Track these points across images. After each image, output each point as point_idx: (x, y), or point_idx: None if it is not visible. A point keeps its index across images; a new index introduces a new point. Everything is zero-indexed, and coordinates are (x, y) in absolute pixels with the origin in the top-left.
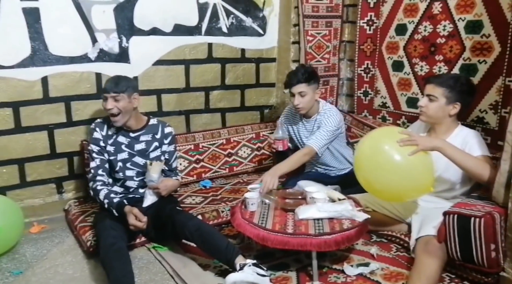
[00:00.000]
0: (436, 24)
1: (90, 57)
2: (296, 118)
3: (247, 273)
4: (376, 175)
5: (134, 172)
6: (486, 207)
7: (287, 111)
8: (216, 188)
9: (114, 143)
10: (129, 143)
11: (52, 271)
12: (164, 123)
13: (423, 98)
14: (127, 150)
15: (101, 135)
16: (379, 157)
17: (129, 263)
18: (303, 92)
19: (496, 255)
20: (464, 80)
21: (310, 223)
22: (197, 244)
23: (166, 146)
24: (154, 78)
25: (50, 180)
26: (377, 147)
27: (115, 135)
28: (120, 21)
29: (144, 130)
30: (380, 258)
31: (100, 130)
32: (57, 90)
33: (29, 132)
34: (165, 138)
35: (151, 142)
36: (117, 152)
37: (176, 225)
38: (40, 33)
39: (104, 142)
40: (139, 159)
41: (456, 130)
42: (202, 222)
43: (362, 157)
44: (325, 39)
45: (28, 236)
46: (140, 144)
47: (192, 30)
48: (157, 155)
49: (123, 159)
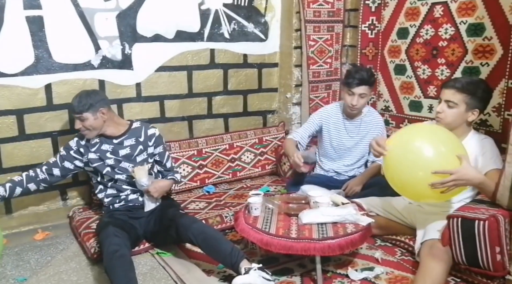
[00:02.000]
0: (437, 27)
1: (93, 65)
2: (338, 117)
3: (253, 276)
4: (407, 169)
5: (123, 176)
6: (490, 210)
7: (329, 109)
8: (219, 193)
9: (98, 151)
10: (113, 149)
11: (56, 278)
12: (147, 125)
13: (440, 104)
14: (112, 157)
15: (79, 144)
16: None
17: (132, 269)
18: (364, 94)
19: (501, 258)
20: (484, 86)
21: (314, 227)
22: (201, 247)
23: (152, 148)
24: (157, 85)
25: (54, 187)
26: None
27: (98, 144)
28: (123, 28)
29: (127, 135)
30: (385, 262)
31: (79, 139)
32: (61, 97)
33: (33, 139)
34: (149, 140)
35: (135, 145)
36: (102, 159)
37: (180, 228)
38: (43, 41)
39: (76, 152)
40: (126, 163)
41: (469, 134)
42: (206, 225)
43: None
44: (327, 43)
45: (33, 243)
46: (125, 149)
47: (194, 36)
48: (143, 158)
49: (110, 164)
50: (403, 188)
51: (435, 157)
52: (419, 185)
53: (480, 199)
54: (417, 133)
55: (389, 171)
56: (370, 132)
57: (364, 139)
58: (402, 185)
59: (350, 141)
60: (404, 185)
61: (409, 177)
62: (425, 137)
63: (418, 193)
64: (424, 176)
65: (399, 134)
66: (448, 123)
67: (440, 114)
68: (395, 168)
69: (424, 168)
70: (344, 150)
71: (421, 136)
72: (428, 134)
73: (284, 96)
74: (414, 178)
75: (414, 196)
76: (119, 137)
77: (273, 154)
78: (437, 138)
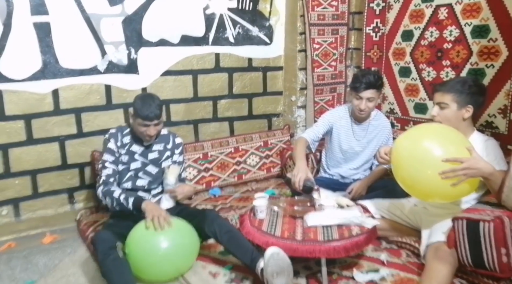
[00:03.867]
0: (442, 29)
1: (99, 69)
2: (346, 119)
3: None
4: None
5: (145, 181)
6: (496, 211)
7: (339, 111)
8: (225, 196)
9: (128, 152)
10: (142, 152)
11: (64, 281)
12: (174, 134)
13: (434, 108)
14: (140, 159)
15: (116, 146)
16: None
17: (128, 271)
18: (372, 98)
19: (507, 260)
20: (471, 81)
21: (319, 229)
22: (222, 239)
23: (176, 156)
24: (163, 89)
25: (62, 190)
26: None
27: (128, 145)
28: (129, 33)
29: (157, 140)
30: (391, 264)
31: (114, 141)
32: (68, 102)
33: (41, 144)
34: (176, 149)
35: (163, 151)
36: (130, 161)
37: (207, 220)
38: (50, 46)
39: (118, 153)
40: (152, 167)
41: (472, 135)
42: (230, 223)
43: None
44: (331, 46)
45: (41, 247)
46: (153, 153)
47: (199, 40)
48: (168, 164)
49: (135, 168)
50: (412, 187)
51: (444, 155)
52: (427, 184)
53: (485, 201)
54: (426, 132)
55: (398, 170)
56: (377, 136)
57: (372, 143)
58: (412, 183)
59: (358, 145)
60: (413, 183)
61: (418, 176)
62: (434, 136)
63: (427, 191)
64: (433, 174)
65: (407, 134)
66: (445, 124)
67: (435, 117)
68: (404, 166)
69: (432, 167)
70: (352, 154)
71: (430, 135)
72: (437, 133)
73: (289, 99)
74: (423, 176)
75: (423, 195)
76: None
77: (278, 157)
78: (446, 137)
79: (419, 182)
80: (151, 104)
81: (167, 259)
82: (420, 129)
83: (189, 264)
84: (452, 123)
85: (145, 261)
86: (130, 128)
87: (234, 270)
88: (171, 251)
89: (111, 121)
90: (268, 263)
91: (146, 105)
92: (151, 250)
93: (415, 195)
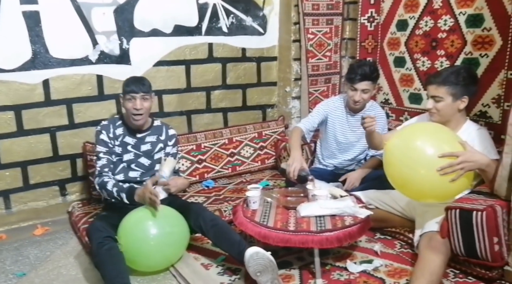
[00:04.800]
0: (437, 19)
1: (91, 60)
2: (341, 110)
3: (262, 250)
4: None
5: (138, 173)
6: (488, 200)
7: (334, 101)
8: (218, 188)
9: (121, 144)
10: (135, 144)
11: (55, 273)
12: (167, 126)
13: (428, 101)
14: (133, 151)
15: (108, 137)
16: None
17: (121, 261)
18: (367, 90)
19: (499, 249)
20: (464, 72)
21: (312, 220)
22: (209, 234)
23: (169, 148)
24: (155, 79)
25: (53, 182)
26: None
27: (121, 136)
28: (120, 23)
29: (150, 131)
30: (384, 255)
31: (106, 132)
32: (59, 93)
33: (32, 135)
34: (169, 140)
35: (156, 143)
36: (123, 152)
37: (192, 214)
38: (40, 36)
39: (111, 144)
40: (145, 159)
41: (464, 125)
42: (216, 215)
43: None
44: (326, 36)
45: (32, 238)
46: (146, 145)
47: (192, 30)
48: (161, 156)
49: (128, 159)
50: (404, 186)
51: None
52: (420, 183)
53: (478, 190)
54: (418, 132)
55: (390, 169)
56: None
57: None
58: (403, 183)
59: (353, 136)
60: (405, 183)
61: (410, 175)
62: (426, 135)
63: (419, 191)
64: (426, 173)
65: (399, 133)
66: (441, 116)
67: (431, 110)
68: (396, 166)
69: (426, 166)
70: (347, 144)
71: (422, 134)
72: (429, 132)
73: (283, 90)
74: (416, 176)
75: (415, 194)
76: (143, 132)
77: (272, 148)
78: (438, 135)
79: (412, 181)
80: (137, 78)
81: (158, 247)
82: (412, 129)
83: (180, 253)
84: (448, 115)
85: (135, 250)
86: (123, 119)
87: (227, 262)
88: (161, 239)
89: (103, 112)
90: (248, 264)
91: (132, 79)
92: (141, 238)
93: (407, 194)
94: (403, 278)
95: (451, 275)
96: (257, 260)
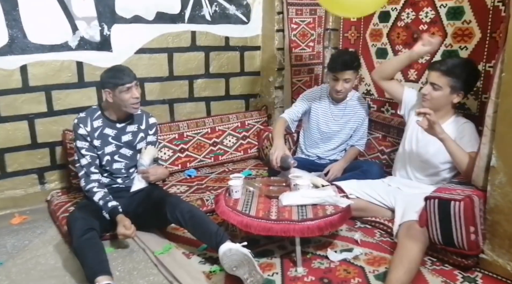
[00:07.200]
0: (418, 10)
1: (70, 46)
2: (324, 100)
3: (237, 246)
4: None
5: (122, 164)
6: (466, 190)
7: (317, 91)
8: (201, 177)
9: (100, 136)
10: (115, 135)
11: (33, 262)
12: (148, 114)
13: (426, 86)
14: (114, 142)
15: (86, 131)
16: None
17: (102, 251)
18: (348, 79)
19: (475, 238)
20: (470, 68)
21: (294, 209)
22: (187, 226)
23: (150, 137)
24: (137, 67)
25: (32, 170)
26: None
27: (100, 128)
28: (101, 8)
29: (130, 121)
30: (364, 244)
31: (84, 126)
32: (37, 79)
33: (9, 122)
34: (150, 129)
35: (137, 132)
36: (104, 145)
37: (168, 206)
38: (18, 20)
39: (90, 137)
40: (127, 150)
41: (452, 117)
42: (193, 205)
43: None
44: (309, 27)
45: (9, 227)
46: (127, 135)
47: (175, 18)
48: (142, 146)
49: (110, 151)
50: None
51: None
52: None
53: (457, 181)
54: None
55: None
56: (354, 117)
57: (348, 124)
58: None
59: (336, 125)
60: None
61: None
62: None
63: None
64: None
65: None
66: (433, 103)
67: (426, 95)
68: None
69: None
70: (329, 134)
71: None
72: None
73: (266, 80)
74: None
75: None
76: (122, 122)
77: (255, 138)
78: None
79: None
80: (122, 68)
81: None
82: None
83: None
84: (440, 105)
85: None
86: (101, 111)
87: (208, 251)
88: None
89: (84, 99)
90: (223, 262)
91: (118, 70)
92: None
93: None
94: (382, 266)
95: (429, 263)
96: (231, 256)
